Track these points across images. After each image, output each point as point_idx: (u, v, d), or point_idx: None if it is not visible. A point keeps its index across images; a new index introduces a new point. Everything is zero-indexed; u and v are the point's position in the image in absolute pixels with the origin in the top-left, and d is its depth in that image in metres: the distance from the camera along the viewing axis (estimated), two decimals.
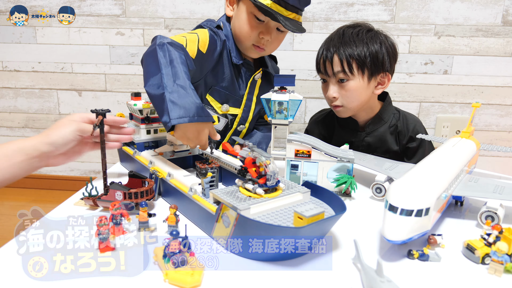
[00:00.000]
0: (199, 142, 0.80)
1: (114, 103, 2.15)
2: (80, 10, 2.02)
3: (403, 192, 0.62)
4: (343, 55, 1.13)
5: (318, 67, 1.21)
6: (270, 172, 0.66)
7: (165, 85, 0.77)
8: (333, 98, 1.18)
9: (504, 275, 0.58)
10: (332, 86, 1.18)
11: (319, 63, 1.20)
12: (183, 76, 0.80)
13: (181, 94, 0.77)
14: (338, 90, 1.18)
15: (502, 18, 1.83)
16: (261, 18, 1.04)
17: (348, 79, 1.15)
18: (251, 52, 1.12)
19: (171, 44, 0.84)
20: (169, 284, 0.53)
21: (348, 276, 0.57)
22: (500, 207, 0.71)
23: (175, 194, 0.78)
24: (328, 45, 1.18)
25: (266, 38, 1.07)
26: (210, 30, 1.07)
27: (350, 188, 0.83)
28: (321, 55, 1.19)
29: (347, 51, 1.13)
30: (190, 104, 0.76)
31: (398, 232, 0.59)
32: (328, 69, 1.17)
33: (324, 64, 1.17)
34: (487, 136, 1.99)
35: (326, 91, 1.21)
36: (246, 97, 1.17)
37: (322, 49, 1.19)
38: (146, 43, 2.04)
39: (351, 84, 1.16)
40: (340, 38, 1.16)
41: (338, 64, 1.14)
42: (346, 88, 1.16)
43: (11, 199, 2.20)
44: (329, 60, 1.15)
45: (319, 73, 1.22)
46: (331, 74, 1.17)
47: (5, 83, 2.18)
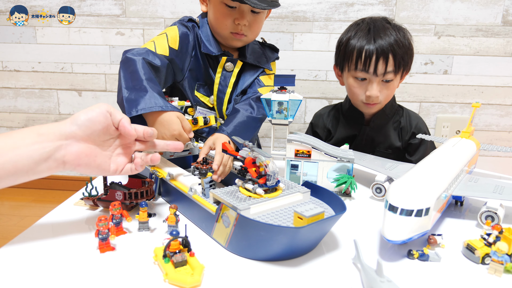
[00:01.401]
0: (172, 131, 0.82)
1: (114, 103, 2.14)
2: (80, 10, 2.02)
3: (403, 192, 0.62)
4: (399, 56, 1.09)
5: (357, 64, 1.12)
6: (270, 172, 0.66)
7: (123, 91, 0.88)
8: (376, 97, 1.13)
9: (504, 275, 0.58)
10: (376, 85, 1.12)
11: (360, 59, 1.11)
12: (137, 77, 0.88)
13: (136, 92, 0.86)
14: (381, 89, 1.13)
15: (502, 18, 1.83)
16: (231, 4, 1.03)
17: (393, 79, 1.12)
18: (232, 41, 1.10)
19: (126, 59, 0.92)
20: (169, 284, 0.53)
21: (348, 276, 0.57)
22: (500, 207, 0.71)
23: (175, 194, 0.78)
24: (372, 41, 1.10)
25: (242, 23, 1.05)
26: (181, 25, 1.07)
27: (350, 188, 0.83)
28: (367, 51, 1.10)
29: (399, 53, 1.09)
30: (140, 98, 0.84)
31: (398, 232, 0.59)
32: (380, 67, 1.10)
33: (369, 62, 1.10)
34: (487, 136, 1.99)
35: (362, 90, 1.15)
36: (217, 88, 1.12)
37: (363, 45, 1.11)
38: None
39: (394, 83, 1.13)
40: (387, 36, 1.10)
41: (391, 64, 1.10)
42: (390, 87, 1.13)
43: (11, 199, 2.20)
44: (382, 59, 1.09)
45: (356, 70, 1.13)
46: (380, 73, 1.10)
47: (5, 83, 2.18)
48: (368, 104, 1.18)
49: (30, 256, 0.60)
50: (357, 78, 1.15)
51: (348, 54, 1.15)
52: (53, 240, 0.65)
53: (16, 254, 0.60)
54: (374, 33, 1.12)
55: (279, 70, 1.86)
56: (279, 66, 1.39)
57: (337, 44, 1.23)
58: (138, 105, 0.84)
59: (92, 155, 0.63)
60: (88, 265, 0.58)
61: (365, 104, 1.18)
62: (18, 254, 0.60)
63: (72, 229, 0.69)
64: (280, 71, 1.40)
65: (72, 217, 0.74)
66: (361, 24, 1.17)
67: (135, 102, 0.85)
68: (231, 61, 1.10)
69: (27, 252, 0.61)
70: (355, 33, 1.15)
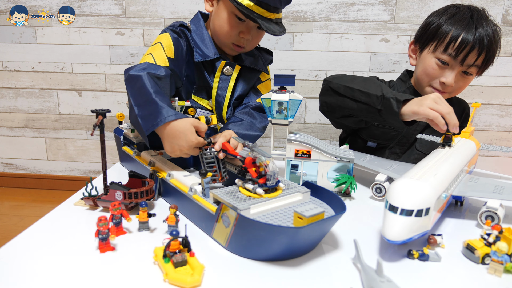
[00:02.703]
0: (190, 142, 0.80)
1: (114, 103, 2.15)
2: (80, 10, 2.02)
3: (403, 192, 0.62)
4: (491, 53, 1.06)
5: (447, 48, 1.06)
6: (270, 172, 0.66)
7: (134, 109, 0.86)
8: (449, 86, 1.09)
9: (504, 275, 0.58)
10: (454, 73, 1.08)
11: (454, 44, 1.05)
12: (145, 92, 0.86)
13: (146, 107, 0.84)
14: (457, 80, 1.09)
15: (502, 18, 1.83)
16: (241, 17, 1.01)
17: (473, 74, 1.09)
18: (230, 50, 1.09)
19: (130, 77, 0.91)
20: (169, 284, 0.53)
21: (348, 276, 0.57)
22: (500, 207, 0.71)
23: (175, 194, 0.78)
24: (473, 29, 1.05)
25: (246, 38, 1.04)
26: (172, 32, 1.05)
27: (350, 188, 0.83)
28: (464, 38, 1.04)
29: (493, 49, 1.06)
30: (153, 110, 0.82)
31: (398, 232, 0.59)
32: (470, 58, 1.05)
33: (462, 49, 1.04)
34: (487, 136, 1.99)
35: (439, 74, 1.10)
36: (216, 93, 1.10)
37: (461, 30, 1.05)
38: (146, 43, 2.04)
39: (471, 78, 1.10)
40: (489, 27, 1.06)
41: (481, 59, 1.06)
42: (466, 81, 1.10)
43: (11, 199, 2.20)
44: (477, 50, 1.04)
45: (444, 52, 1.07)
46: (467, 64, 1.06)
47: (5, 83, 2.18)
48: (438, 91, 1.12)
49: (30, 256, 0.60)
50: (439, 60, 1.09)
51: (441, 35, 1.09)
52: (53, 240, 0.65)
53: (16, 254, 0.61)
54: (477, 21, 1.06)
55: (279, 70, 1.86)
56: (279, 66, 1.39)
57: (426, 21, 1.16)
58: (155, 119, 0.82)
59: None
60: (88, 265, 0.58)
61: (434, 90, 1.13)
62: (18, 254, 0.60)
63: (72, 229, 0.69)
64: (280, 71, 1.40)
65: (72, 217, 0.74)
66: (462, 8, 1.11)
67: (149, 117, 0.83)
68: (230, 65, 1.08)
69: (27, 252, 0.61)
70: (453, 15, 1.09)
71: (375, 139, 1.24)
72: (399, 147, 1.22)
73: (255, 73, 1.16)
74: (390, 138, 1.21)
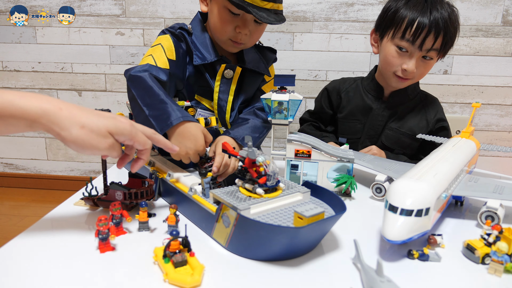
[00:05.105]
0: (198, 146, 0.81)
1: (114, 103, 2.15)
2: (80, 10, 2.02)
3: (403, 192, 0.62)
4: (449, 35, 1.04)
5: (405, 34, 1.07)
6: (270, 172, 0.66)
7: (143, 109, 0.85)
8: (411, 72, 1.10)
9: (504, 275, 0.58)
10: (415, 60, 1.09)
11: (410, 29, 1.05)
12: (153, 93, 0.86)
13: (156, 108, 0.84)
14: (418, 65, 1.10)
15: (502, 18, 1.83)
16: (235, 11, 0.97)
17: (433, 59, 1.09)
18: (229, 47, 1.05)
19: (133, 78, 0.90)
20: (169, 284, 0.53)
21: (348, 276, 0.57)
22: (500, 207, 0.71)
23: (175, 194, 0.78)
24: (428, 12, 1.05)
25: (243, 32, 1.00)
26: (171, 34, 1.03)
27: (350, 188, 0.83)
28: (419, 22, 1.04)
29: (451, 31, 1.04)
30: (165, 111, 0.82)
31: (398, 232, 0.59)
32: (428, 43, 1.05)
33: (419, 34, 1.04)
34: (487, 136, 1.99)
35: (399, 61, 1.11)
36: (218, 97, 1.07)
37: (416, 15, 1.05)
38: (146, 43, 2.04)
39: (432, 63, 1.10)
40: (443, 9, 1.06)
41: (439, 42, 1.06)
42: (427, 66, 1.10)
43: (11, 199, 2.20)
44: (433, 34, 1.04)
45: (402, 39, 1.08)
46: (425, 49, 1.06)
47: (5, 83, 2.18)
48: (400, 78, 1.13)
49: (30, 256, 0.60)
50: (398, 47, 1.10)
51: (397, 21, 1.09)
52: (53, 240, 0.65)
53: (16, 254, 0.61)
54: (431, 5, 1.07)
55: (279, 70, 1.86)
56: (279, 66, 1.39)
57: (384, 8, 1.17)
58: (168, 119, 0.82)
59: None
60: (88, 265, 0.58)
61: (397, 77, 1.14)
62: (18, 254, 0.60)
63: (72, 229, 0.69)
64: (280, 71, 1.40)
65: (72, 217, 0.74)
66: None
67: (161, 117, 0.83)
68: (230, 67, 1.06)
69: (27, 252, 0.61)
70: (409, 0, 1.10)
71: (344, 134, 1.28)
72: (368, 139, 1.24)
73: (259, 75, 1.13)
74: (357, 132, 1.25)
